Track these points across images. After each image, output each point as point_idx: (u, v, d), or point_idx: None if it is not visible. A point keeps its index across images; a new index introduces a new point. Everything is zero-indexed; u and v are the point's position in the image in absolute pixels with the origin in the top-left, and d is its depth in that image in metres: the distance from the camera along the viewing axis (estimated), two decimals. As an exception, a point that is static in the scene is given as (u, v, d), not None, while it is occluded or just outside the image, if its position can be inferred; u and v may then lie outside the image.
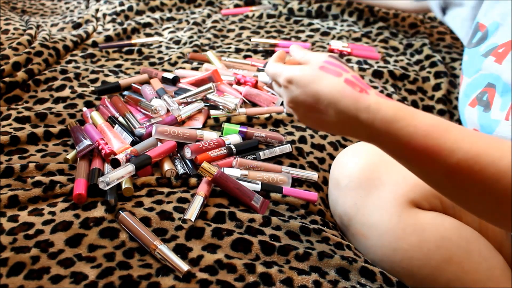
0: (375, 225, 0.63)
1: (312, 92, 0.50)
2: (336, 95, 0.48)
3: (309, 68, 0.51)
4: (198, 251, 0.56)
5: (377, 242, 0.62)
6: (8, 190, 0.64)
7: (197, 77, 0.95)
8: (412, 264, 0.60)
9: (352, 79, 0.49)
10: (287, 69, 0.53)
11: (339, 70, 0.50)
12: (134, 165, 0.66)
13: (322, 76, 0.50)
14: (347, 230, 0.67)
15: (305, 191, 0.70)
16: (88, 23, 1.29)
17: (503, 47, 0.73)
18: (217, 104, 0.87)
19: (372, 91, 0.49)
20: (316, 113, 0.51)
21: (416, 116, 0.46)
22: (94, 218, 0.59)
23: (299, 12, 1.37)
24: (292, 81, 0.52)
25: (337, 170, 0.70)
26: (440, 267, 0.58)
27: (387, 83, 1.02)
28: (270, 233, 0.60)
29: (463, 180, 0.43)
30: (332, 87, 0.49)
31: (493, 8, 0.80)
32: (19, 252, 0.54)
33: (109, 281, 0.52)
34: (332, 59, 0.52)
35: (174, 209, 0.62)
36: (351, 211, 0.66)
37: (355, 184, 0.65)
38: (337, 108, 0.48)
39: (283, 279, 0.53)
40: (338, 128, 0.51)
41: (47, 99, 0.89)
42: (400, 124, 0.46)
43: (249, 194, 0.65)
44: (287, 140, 0.81)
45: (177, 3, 1.44)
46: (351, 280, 0.55)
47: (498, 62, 0.73)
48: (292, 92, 0.52)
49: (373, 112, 0.47)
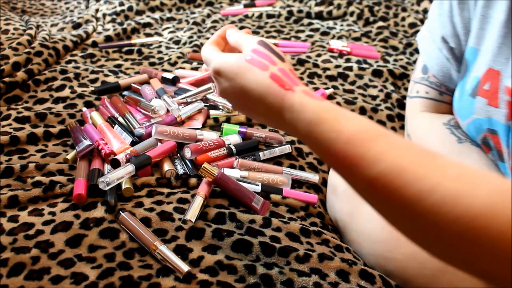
0: (368, 233, 0.62)
1: (240, 86, 0.48)
2: (262, 92, 0.46)
3: (235, 60, 0.48)
4: (198, 252, 0.56)
5: (370, 251, 0.62)
6: (8, 190, 0.64)
7: (197, 77, 0.95)
8: (406, 273, 0.59)
9: (279, 74, 0.46)
10: (216, 58, 0.50)
11: (266, 62, 0.47)
12: (134, 165, 0.66)
13: (248, 69, 0.47)
14: (343, 236, 0.67)
15: (305, 193, 0.70)
16: (88, 23, 1.28)
17: (487, 81, 0.63)
18: (217, 104, 0.87)
19: (299, 88, 0.46)
20: (247, 105, 0.49)
21: (341, 120, 0.42)
22: (94, 218, 0.59)
23: (298, 14, 1.37)
24: (220, 72, 0.49)
25: (334, 176, 0.70)
26: (435, 276, 0.57)
27: (386, 82, 1.03)
28: (270, 235, 0.60)
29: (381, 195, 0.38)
30: (257, 82, 0.46)
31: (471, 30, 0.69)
32: (19, 253, 0.54)
33: (110, 281, 0.52)
34: (261, 47, 0.49)
35: (174, 210, 0.62)
36: (346, 218, 0.66)
37: (351, 192, 0.65)
38: (264, 105, 0.46)
39: (283, 280, 0.53)
40: (271, 125, 0.49)
41: (47, 99, 0.89)
42: (322, 128, 0.42)
43: (249, 195, 0.65)
44: (287, 140, 0.81)
45: (177, 3, 1.44)
46: (351, 282, 0.55)
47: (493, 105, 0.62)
48: (221, 84, 0.50)
49: (297, 112, 0.44)
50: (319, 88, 0.97)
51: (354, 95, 0.97)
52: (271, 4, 1.46)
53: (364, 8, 1.36)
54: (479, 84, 0.64)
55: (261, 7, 1.43)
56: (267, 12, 1.36)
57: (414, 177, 0.36)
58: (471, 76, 0.66)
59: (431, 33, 0.75)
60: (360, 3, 1.38)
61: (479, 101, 0.64)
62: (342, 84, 1.01)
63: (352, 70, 1.04)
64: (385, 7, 1.38)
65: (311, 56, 1.10)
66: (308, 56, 1.10)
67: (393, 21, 1.33)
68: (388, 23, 1.32)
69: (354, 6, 1.37)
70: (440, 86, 0.76)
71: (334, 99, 0.94)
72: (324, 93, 0.93)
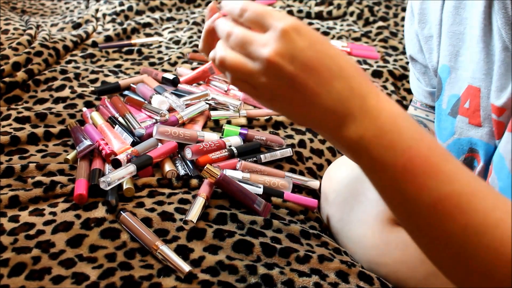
0: (359, 240, 0.63)
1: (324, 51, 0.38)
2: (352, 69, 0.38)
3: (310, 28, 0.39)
4: (199, 252, 0.56)
5: (362, 256, 0.62)
6: (8, 190, 0.64)
7: (198, 70, 0.95)
8: (398, 278, 0.59)
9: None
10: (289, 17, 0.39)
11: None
12: (135, 166, 0.66)
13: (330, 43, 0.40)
14: (337, 242, 0.68)
15: (305, 197, 0.70)
16: (88, 23, 1.28)
17: (468, 99, 0.59)
18: (223, 103, 0.86)
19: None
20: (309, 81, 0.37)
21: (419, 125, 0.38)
22: (95, 218, 0.59)
23: (298, 14, 1.37)
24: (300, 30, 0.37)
25: (325, 184, 0.71)
26: (427, 279, 0.57)
27: (386, 82, 1.03)
28: (271, 235, 0.60)
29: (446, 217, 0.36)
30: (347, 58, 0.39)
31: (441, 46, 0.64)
32: (20, 253, 0.54)
33: (111, 281, 0.52)
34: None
35: (175, 210, 0.62)
36: (338, 225, 0.67)
37: (341, 199, 0.65)
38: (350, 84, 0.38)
39: (284, 280, 0.53)
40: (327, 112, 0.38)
41: (47, 99, 0.89)
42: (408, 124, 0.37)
43: (251, 197, 0.65)
44: (287, 143, 0.81)
45: (177, 3, 1.44)
46: (350, 283, 0.56)
47: (475, 123, 0.59)
48: (295, 43, 0.37)
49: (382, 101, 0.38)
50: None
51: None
52: (271, 4, 1.46)
53: (364, 8, 1.36)
54: (460, 103, 0.60)
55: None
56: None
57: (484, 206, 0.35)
58: (445, 94, 0.63)
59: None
60: (360, 3, 1.38)
61: (460, 120, 0.60)
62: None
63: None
64: (385, 7, 1.38)
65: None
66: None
67: (393, 21, 1.33)
68: (388, 23, 1.33)
69: (354, 6, 1.37)
70: (426, 106, 0.73)
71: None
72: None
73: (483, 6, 0.56)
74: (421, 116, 0.73)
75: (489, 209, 0.35)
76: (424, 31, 0.66)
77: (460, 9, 0.60)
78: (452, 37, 0.61)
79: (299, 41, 0.37)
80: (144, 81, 0.93)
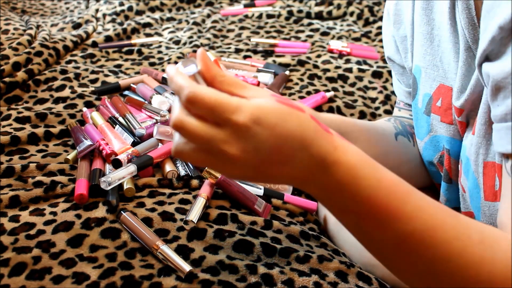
0: (354, 242, 0.63)
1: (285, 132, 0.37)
2: (310, 135, 0.38)
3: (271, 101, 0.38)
4: (200, 252, 0.56)
5: (358, 258, 0.63)
6: (9, 190, 0.64)
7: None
8: (394, 279, 0.59)
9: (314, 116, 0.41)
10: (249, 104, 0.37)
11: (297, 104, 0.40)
12: (135, 166, 0.66)
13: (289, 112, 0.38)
14: (334, 244, 0.68)
15: (305, 200, 0.70)
16: (88, 23, 1.29)
17: (439, 97, 0.61)
18: None
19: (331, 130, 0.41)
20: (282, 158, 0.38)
21: (379, 168, 0.40)
22: (96, 218, 0.60)
23: (298, 14, 1.37)
24: (260, 120, 0.37)
25: None
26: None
27: (386, 83, 1.03)
28: (271, 236, 0.60)
29: (412, 252, 0.39)
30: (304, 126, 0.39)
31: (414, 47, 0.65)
32: (21, 253, 0.54)
33: (111, 281, 0.52)
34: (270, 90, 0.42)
35: (176, 210, 0.62)
36: (334, 227, 0.67)
37: None
38: (310, 152, 0.38)
39: (284, 280, 0.54)
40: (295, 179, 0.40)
41: (47, 99, 0.89)
42: (365, 172, 0.39)
43: (252, 198, 0.65)
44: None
45: (177, 3, 1.44)
46: (349, 283, 0.56)
47: (447, 122, 0.60)
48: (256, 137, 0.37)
49: (339, 155, 0.39)
50: (320, 90, 0.97)
51: (354, 98, 0.97)
52: (271, 4, 1.46)
53: (364, 8, 1.36)
54: (432, 101, 0.62)
55: (261, 7, 1.43)
56: (267, 12, 1.36)
57: (446, 238, 0.38)
58: (420, 93, 0.64)
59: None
60: (360, 3, 1.38)
61: (433, 118, 0.62)
62: (342, 86, 1.01)
63: (352, 72, 1.04)
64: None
65: (311, 57, 1.10)
66: (308, 57, 1.10)
67: (393, 22, 1.33)
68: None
69: (354, 6, 1.37)
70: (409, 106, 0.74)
71: (334, 102, 0.94)
72: (324, 96, 0.93)
73: (448, 7, 0.57)
74: (405, 116, 0.74)
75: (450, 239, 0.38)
76: (399, 32, 0.68)
77: (427, 10, 0.61)
78: (422, 37, 0.62)
79: (260, 133, 0.37)
80: (144, 81, 0.93)
